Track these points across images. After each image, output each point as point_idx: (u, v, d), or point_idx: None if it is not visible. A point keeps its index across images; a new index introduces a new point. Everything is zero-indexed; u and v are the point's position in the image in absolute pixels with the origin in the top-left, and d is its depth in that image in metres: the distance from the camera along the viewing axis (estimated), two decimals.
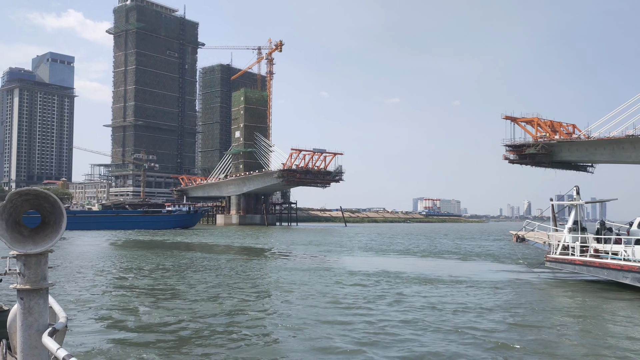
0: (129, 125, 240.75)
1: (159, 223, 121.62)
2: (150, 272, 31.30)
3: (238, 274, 30.60)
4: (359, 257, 44.74)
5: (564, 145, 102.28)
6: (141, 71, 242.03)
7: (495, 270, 34.46)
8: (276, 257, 45.11)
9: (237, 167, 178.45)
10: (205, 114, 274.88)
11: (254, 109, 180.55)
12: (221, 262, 38.48)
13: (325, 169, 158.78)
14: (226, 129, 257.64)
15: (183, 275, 29.50)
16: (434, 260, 42.82)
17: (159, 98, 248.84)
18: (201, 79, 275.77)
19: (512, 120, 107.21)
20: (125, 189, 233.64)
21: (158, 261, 38.48)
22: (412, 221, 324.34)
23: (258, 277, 29.03)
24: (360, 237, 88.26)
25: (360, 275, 29.72)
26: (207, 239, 74.98)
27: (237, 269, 33.15)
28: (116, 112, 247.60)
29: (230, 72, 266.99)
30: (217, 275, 29.76)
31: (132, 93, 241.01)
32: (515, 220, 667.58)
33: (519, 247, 53.60)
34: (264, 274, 30.63)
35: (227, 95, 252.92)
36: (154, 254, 46.05)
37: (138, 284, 25.96)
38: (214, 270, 32.23)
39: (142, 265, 35.49)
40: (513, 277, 30.10)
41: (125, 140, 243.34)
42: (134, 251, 49.65)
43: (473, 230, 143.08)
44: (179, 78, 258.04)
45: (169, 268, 33.60)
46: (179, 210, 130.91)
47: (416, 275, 30.38)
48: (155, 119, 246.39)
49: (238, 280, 27.52)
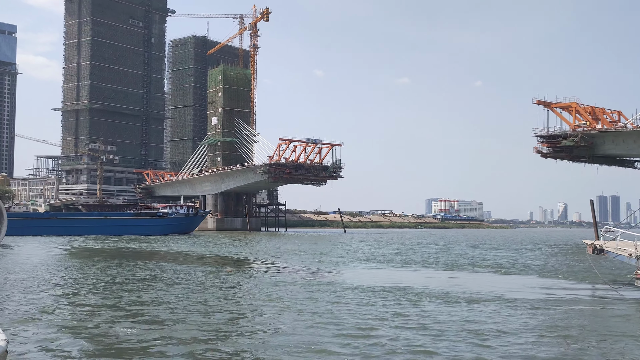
0: (83, 109, 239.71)
1: (152, 228, 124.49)
2: (108, 286, 31.21)
3: (214, 290, 30.48)
4: (363, 269, 44.71)
5: (607, 136, 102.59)
6: (98, 43, 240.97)
7: (566, 288, 33.59)
8: (261, 270, 44.99)
9: (214, 160, 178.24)
10: (175, 96, 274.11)
11: (235, 90, 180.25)
12: (195, 275, 38.37)
13: (320, 163, 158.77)
14: (201, 115, 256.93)
15: (146, 291, 29.39)
16: (463, 273, 42.85)
17: (120, 76, 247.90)
18: (171, 53, 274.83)
19: (545, 105, 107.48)
20: (79, 186, 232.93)
21: (117, 273, 38.37)
22: (425, 226, 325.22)
23: (238, 295, 28.94)
24: (363, 245, 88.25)
25: (365, 292, 29.67)
26: (178, 247, 74.77)
27: (214, 284, 33.04)
28: (67, 93, 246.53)
29: (206, 45, 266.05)
30: (189, 291, 29.64)
31: (86, 70, 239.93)
32: (548, 225, 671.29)
33: (576, 260, 53.80)
34: (246, 291, 30.54)
35: (203, 73, 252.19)
36: (114, 264, 45.92)
37: (93, 300, 25.88)
38: (185, 286, 32.10)
39: (100, 277, 35.39)
40: (590, 298, 29.15)
41: (79, 128, 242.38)
42: (93, 261, 49.48)
43: (501, 238, 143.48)
44: (144, 52, 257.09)
45: (130, 282, 33.50)
46: (176, 212, 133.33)
47: (456, 293, 30.36)
48: (115, 101, 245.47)
49: (214, 298, 27.42)
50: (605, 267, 44.46)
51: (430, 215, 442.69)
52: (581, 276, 40.19)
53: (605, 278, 35.50)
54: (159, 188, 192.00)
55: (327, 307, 24.28)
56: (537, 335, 19.04)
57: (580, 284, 36.12)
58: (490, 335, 18.86)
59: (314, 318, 21.70)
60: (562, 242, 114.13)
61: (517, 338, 18.54)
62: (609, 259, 35.72)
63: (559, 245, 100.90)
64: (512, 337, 18.72)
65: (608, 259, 34.84)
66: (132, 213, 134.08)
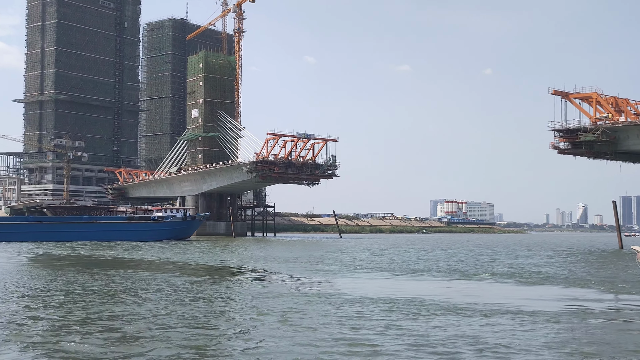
0: (48, 100, 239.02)
1: (147, 233, 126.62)
2: (73, 299, 30.93)
3: (194, 302, 30.30)
4: (365, 280, 44.59)
5: (631, 130, 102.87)
6: (64, 27, 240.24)
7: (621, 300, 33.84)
8: (247, 279, 44.84)
9: (194, 157, 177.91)
10: (151, 85, 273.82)
11: (218, 80, 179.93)
12: (173, 285, 38.16)
13: (313, 160, 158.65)
14: (180, 107, 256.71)
15: (117, 304, 29.16)
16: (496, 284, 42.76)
17: (89, 64, 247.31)
18: (146, 38, 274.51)
19: (563, 96, 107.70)
20: (43, 186, 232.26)
21: (85, 284, 38.11)
22: (429, 230, 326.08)
23: (223, 309, 28.76)
24: (361, 253, 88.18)
25: (369, 304, 29.52)
26: (153, 254, 74.54)
27: (194, 296, 32.86)
28: (30, 82, 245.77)
29: (186, 29, 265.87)
30: (166, 303, 29.43)
31: (51, 57, 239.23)
32: (566, 229, 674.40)
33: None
34: (230, 305, 30.36)
35: (182, 60, 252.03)
36: (80, 273, 45.65)
37: (57, 315, 25.62)
38: (161, 297, 31.88)
39: (64, 288, 35.15)
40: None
41: (43, 121, 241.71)
42: (55, 270, 49.17)
43: (520, 243, 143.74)
44: (116, 37, 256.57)
45: (99, 293, 33.26)
46: (172, 216, 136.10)
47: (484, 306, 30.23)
48: (83, 92, 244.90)
49: (194, 311, 27.23)
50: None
51: (435, 218, 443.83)
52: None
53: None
54: (133, 188, 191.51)
55: (321, 322, 24.11)
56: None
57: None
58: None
59: (299, 333, 21.52)
60: (592, 248, 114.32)
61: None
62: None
63: (590, 251, 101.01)
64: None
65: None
66: (125, 217, 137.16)
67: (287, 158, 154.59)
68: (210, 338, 21.00)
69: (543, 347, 19.68)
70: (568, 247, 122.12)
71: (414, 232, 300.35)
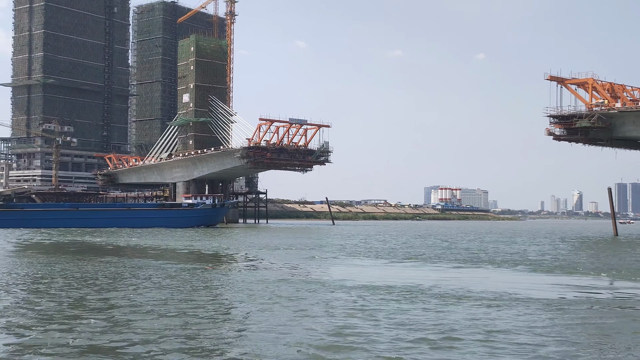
0: (36, 84, 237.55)
1: (178, 220, 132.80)
2: (59, 286, 30.88)
3: (187, 289, 30.29)
4: (361, 267, 44.64)
5: (627, 116, 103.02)
6: (53, 9, 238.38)
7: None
8: (239, 267, 44.85)
9: (185, 143, 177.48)
10: (141, 70, 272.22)
11: (209, 64, 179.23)
12: (165, 272, 38.13)
13: (305, 146, 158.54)
14: (170, 91, 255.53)
15: (108, 292, 29.14)
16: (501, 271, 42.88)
17: (78, 47, 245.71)
18: (136, 21, 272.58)
19: (558, 82, 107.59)
20: (31, 172, 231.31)
21: (70, 271, 38.02)
22: (423, 217, 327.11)
23: (216, 296, 28.78)
24: (356, 239, 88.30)
25: (368, 291, 29.56)
26: (143, 241, 74.49)
27: (186, 283, 32.85)
28: (18, 65, 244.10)
29: (177, 12, 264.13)
30: (158, 290, 29.43)
31: (40, 40, 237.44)
32: (561, 216, 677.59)
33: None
34: (223, 292, 30.38)
35: (172, 44, 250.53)
36: (65, 260, 45.61)
37: (40, 305, 25.57)
38: (153, 284, 31.87)
39: (47, 276, 35.08)
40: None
41: (31, 106, 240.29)
42: (37, 257, 49.13)
43: (513, 232, 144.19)
44: (105, 20, 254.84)
45: (87, 280, 33.19)
46: (202, 203, 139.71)
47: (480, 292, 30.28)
48: (72, 76, 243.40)
49: (188, 298, 27.22)
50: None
51: (429, 205, 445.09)
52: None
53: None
54: (123, 174, 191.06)
55: (317, 310, 24.14)
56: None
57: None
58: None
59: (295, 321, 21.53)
60: (586, 235, 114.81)
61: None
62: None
63: (590, 237, 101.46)
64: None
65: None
66: (157, 204, 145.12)
67: (279, 144, 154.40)
68: (201, 327, 21.01)
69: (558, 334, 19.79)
70: (562, 234, 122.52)
71: (407, 219, 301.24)
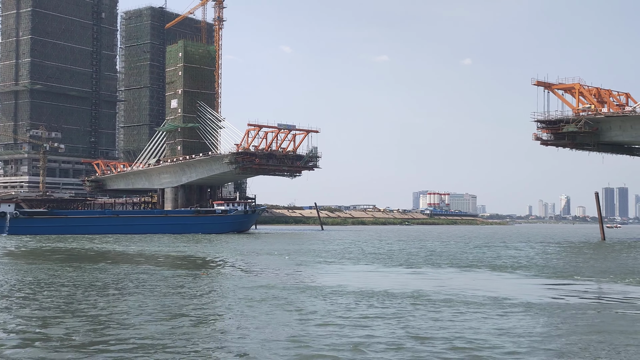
0: (23, 90, 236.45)
1: (212, 226, 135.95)
2: (48, 292, 30.82)
3: (176, 295, 30.30)
4: (352, 272, 44.78)
5: (614, 121, 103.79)
6: (40, 15, 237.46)
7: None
8: (227, 273, 44.91)
9: (173, 149, 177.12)
10: (129, 75, 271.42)
11: (197, 70, 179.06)
12: (152, 278, 38.13)
13: (294, 151, 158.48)
14: (159, 97, 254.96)
15: (96, 299, 29.11)
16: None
17: (65, 53, 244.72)
18: (124, 27, 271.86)
19: (545, 87, 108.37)
20: (18, 178, 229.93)
21: (54, 278, 37.96)
22: (412, 222, 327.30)
23: (204, 302, 28.81)
24: (344, 244, 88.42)
25: (355, 297, 29.68)
26: (131, 247, 74.29)
27: (174, 289, 32.86)
28: (5, 71, 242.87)
29: (165, 18, 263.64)
30: (146, 296, 29.43)
31: (26, 45, 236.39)
32: (549, 221, 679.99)
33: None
34: (212, 298, 30.42)
35: (160, 50, 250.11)
36: (49, 268, 45.53)
37: (23, 312, 25.55)
38: (140, 291, 31.85)
39: (30, 281, 35.04)
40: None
41: (18, 112, 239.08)
42: (27, 265, 49.00)
43: (508, 235, 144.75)
44: (93, 26, 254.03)
45: (74, 287, 33.13)
46: (235, 210, 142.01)
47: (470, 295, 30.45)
48: (59, 82, 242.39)
49: (177, 305, 27.25)
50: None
51: (418, 210, 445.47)
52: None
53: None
54: (111, 180, 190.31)
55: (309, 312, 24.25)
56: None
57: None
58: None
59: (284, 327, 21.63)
60: (575, 240, 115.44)
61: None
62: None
63: (576, 242, 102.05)
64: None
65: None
66: (193, 210, 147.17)
67: (268, 149, 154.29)
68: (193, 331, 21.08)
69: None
70: (549, 239, 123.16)
71: (396, 224, 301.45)
